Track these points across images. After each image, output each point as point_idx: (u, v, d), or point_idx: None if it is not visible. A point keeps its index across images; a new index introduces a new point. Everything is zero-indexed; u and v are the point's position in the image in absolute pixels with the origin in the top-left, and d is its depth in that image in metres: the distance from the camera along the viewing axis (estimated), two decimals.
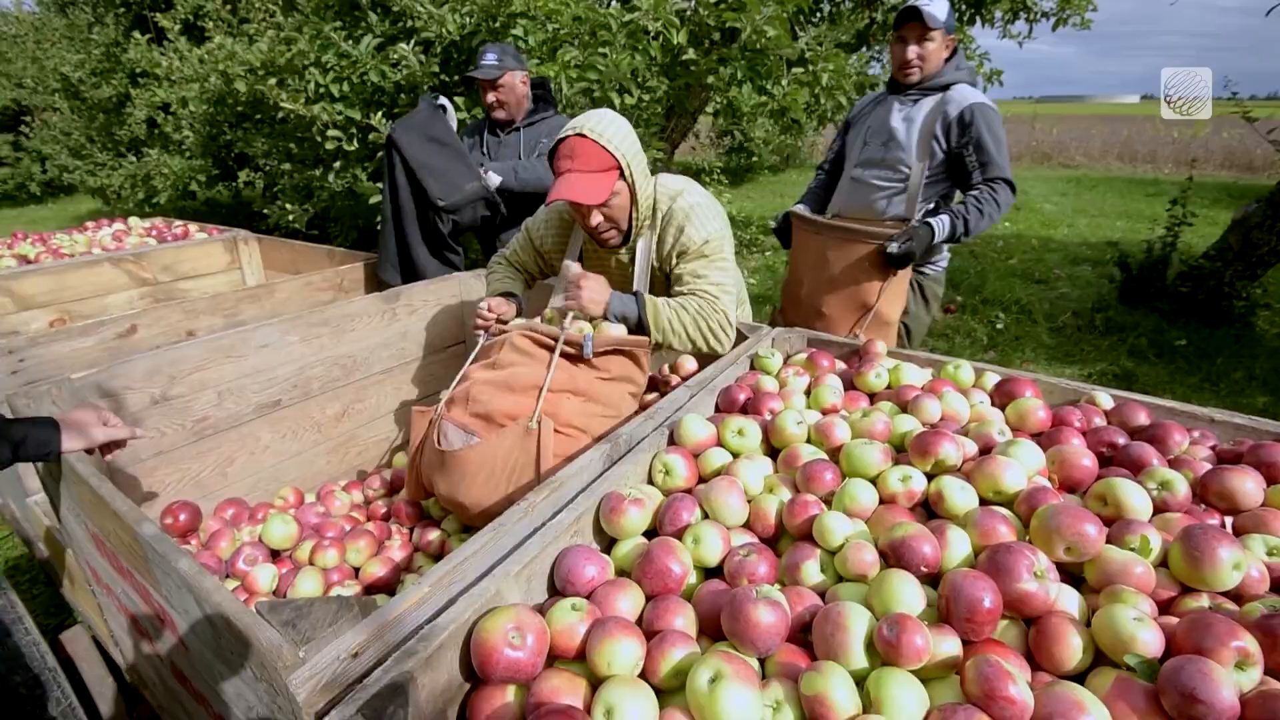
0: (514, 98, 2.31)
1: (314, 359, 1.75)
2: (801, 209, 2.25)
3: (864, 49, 4.59)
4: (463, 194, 2.20)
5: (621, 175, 1.37)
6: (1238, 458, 1.11)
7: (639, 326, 1.40)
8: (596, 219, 1.40)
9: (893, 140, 2.03)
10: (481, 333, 1.47)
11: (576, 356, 1.30)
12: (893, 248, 1.89)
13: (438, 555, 1.42)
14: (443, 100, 2.30)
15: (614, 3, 2.83)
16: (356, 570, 1.36)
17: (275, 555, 1.40)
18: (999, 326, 4.28)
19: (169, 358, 1.48)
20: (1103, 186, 10.57)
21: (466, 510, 1.26)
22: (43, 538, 1.68)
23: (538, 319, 1.48)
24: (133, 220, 3.47)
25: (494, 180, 2.26)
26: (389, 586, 1.32)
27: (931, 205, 2.04)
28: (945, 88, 1.98)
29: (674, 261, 1.47)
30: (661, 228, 1.48)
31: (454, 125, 2.32)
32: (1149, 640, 0.71)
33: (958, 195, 2.10)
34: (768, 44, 2.74)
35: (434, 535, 1.42)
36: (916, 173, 1.99)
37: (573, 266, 1.45)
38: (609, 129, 1.36)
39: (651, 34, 2.78)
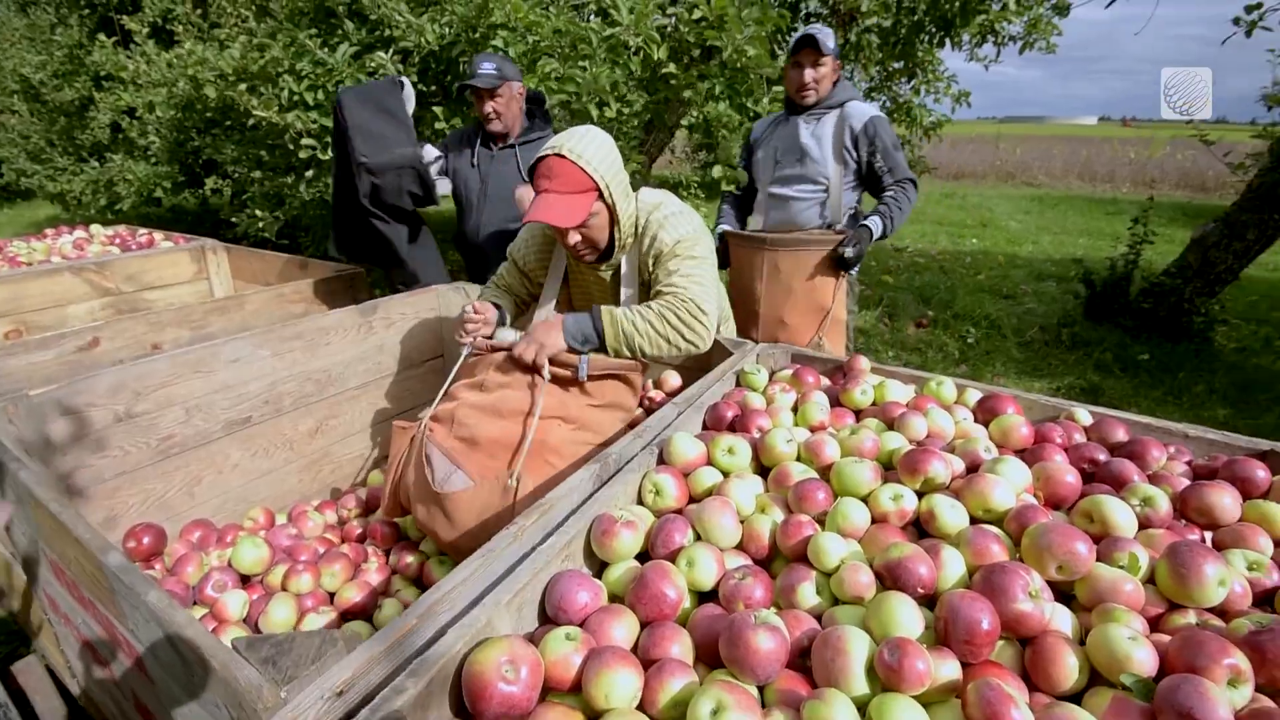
0: (511, 109, 2.25)
1: (287, 374, 1.70)
2: (730, 229, 2.37)
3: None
4: (389, 155, 2.10)
5: (600, 196, 1.35)
6: (1213, 473, 1.14)
7: (599, 340, 1.34)
8: (574, 239, 1.38)
9: (807, 156, 2.20)
10: (466, 344, 1.43)
11: (569, 380, 1.28)
12: (849, 251, 2.04)
13: (416, 578, 1.38)
14: (404, 79, 2.24)
15: (594, 17, 2.84)
16: (332, 595, 1.31)
17: (245, 580, 1.34)
18: (970, 341, 4.37)
19: (134, 373, 1.42)
20: (1064, 205, 10.91)
21: (444, 543, 1.23)
22: None
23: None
24: (95, 228, 3.36)
25: (430, 153, 2.20)
26: (366, 611, 1.28)
27: (852, 210, 2.24)
28: (840, 105, 2.19)
29: (652, 266, 1.45)
30: (640, 240, 1.47)
31: (410, 105, 2.23)
32: (1144, 659, 0.72)
33: (867, 197, 2.32)
34: (748, 63, 2.77)
35: (411, 558, 1.38)
36: (836, 181, 2.19)
37: (538, 316, 1.44)
38: (589, 149, 1.33)
39: (632, 49, 2.79)
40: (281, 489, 1.74)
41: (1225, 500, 1.00)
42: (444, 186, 2.24)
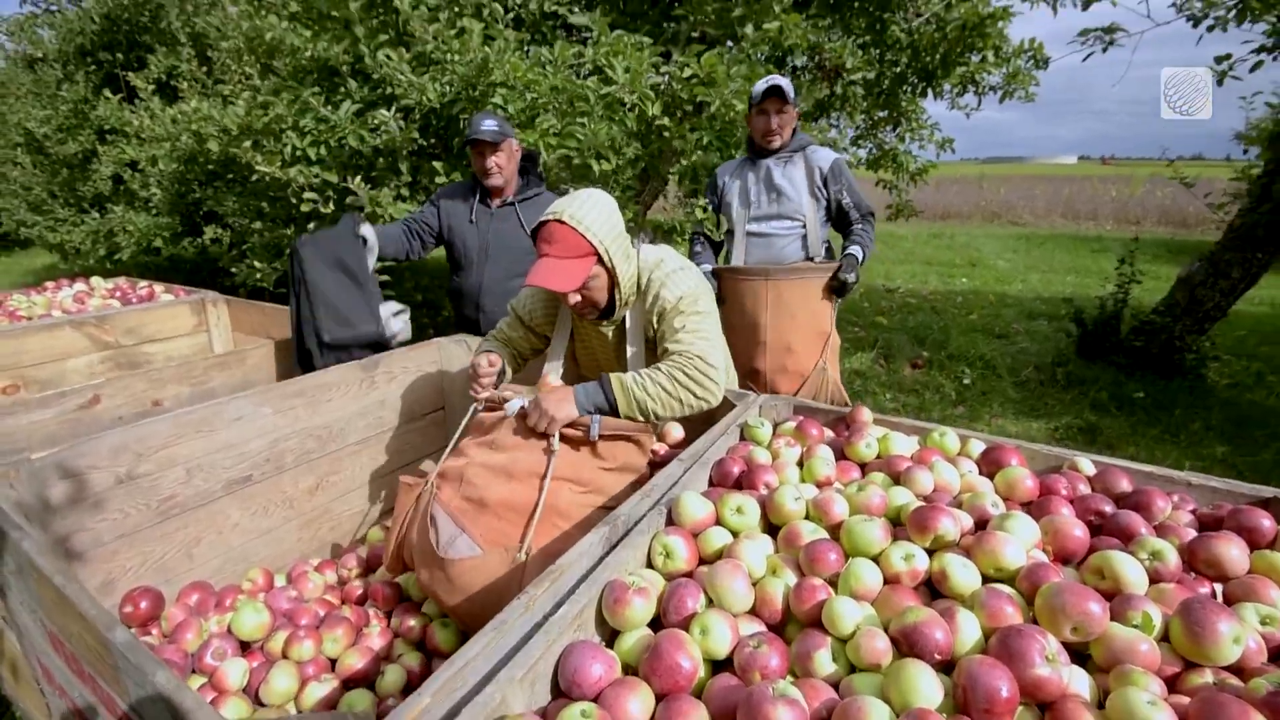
0: (511, 165, 2.32)
1: (288, 431, 1.69)
2: (714, 266, 2.47)
3: (823, 118, 4.83)
4: (353, 333, 2.07)
5: (600, 260, 1.38)
6: (1218, 522, 1.14)
7: (611, 409, 1.35)
8: (575, 299, 1.42)
9: (783, 195, 2.38)
10: (480, 402, 1.45)
11: (581, 441, 1.28)
12: (850, 277, 2.23)
13: (419, 641, 1.35)
14: (365, 230, 2.19)
15: (590, 77, 2.93)
16: (333, 662, 1.28)
17: (245, 647, 1.31)
18: (966, 382, 4.39)
19: (136, 434, 1.41)
20: (1050, 243, 11.12)
21: (447, 607, 1.21)
22: None
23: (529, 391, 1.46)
24: (95, 280, 3.37)
25: (395, 326, 2.16)
26: (368, 678, 1.25)
27: (824, 243, 2.42)
28: (801, 149, 2.39)
29: (656, 323, 1.48)
30: (643, 297, 1.49)
31: (372, 261, 2.20)
32: None
33: (831, 232, 2.51)
34: (736, 116, 2.86)
35: (414, 621, 1.36)
36: (812, 218, 2.38)
37: (545, 382, 1.48)
38: (589, 215, 1.36)
39: (628, 105, 2.88)
40: (280, 548, 1.72)
41: (1233, 552, 1.00)
42: (394, 326, 2.19)
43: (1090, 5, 3.42)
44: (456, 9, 3.17)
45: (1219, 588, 1.01)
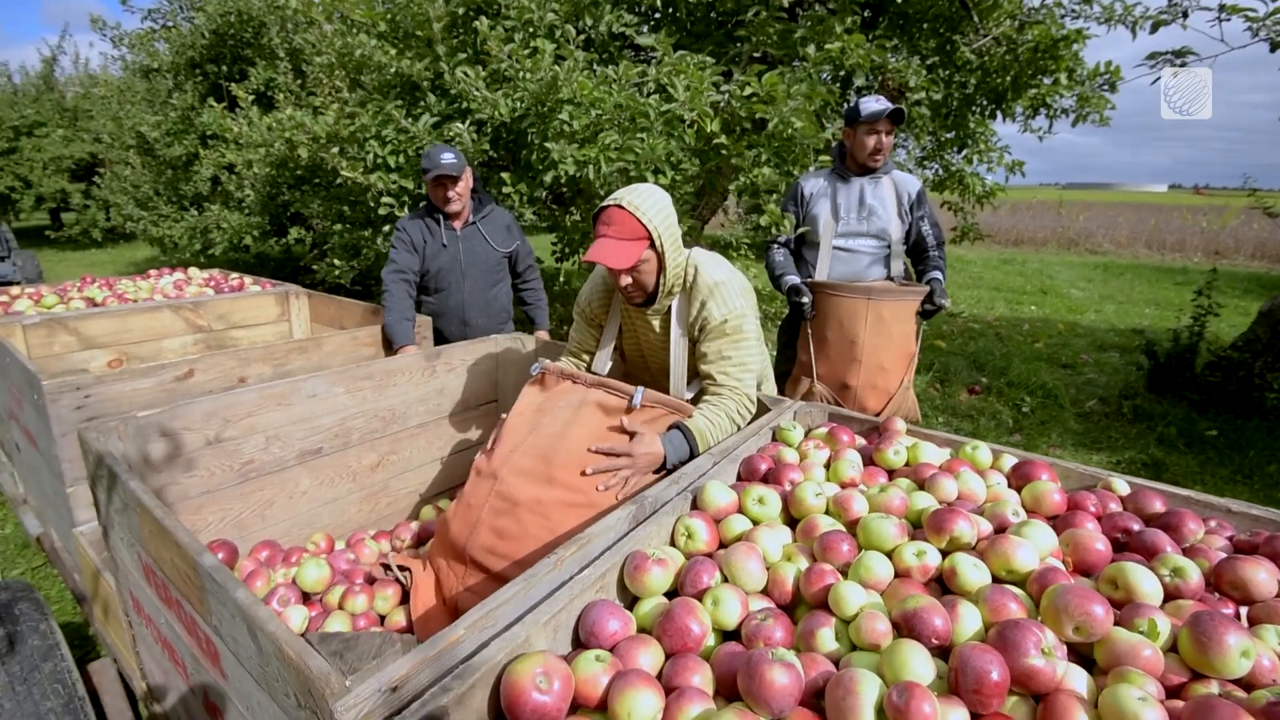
0: (468, 191, 2.59)
1: (356, 410, 1.85)
2: (796, 279, 2.50)
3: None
4: None
5: (652, 245, 1.50)
6: (1254, 549, 1.12)
7: (691, 457, 1.41)
8: (625, 280, 1.53)
9: (874, 214, 2.45)
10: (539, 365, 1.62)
11: (621, 410, 1.42)
12: (946, 302, 2.37)
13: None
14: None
15: (653, 95, 3.05)
16: (382, 618, 1.40)
17: (306, 598, 1.45)
18: (1024, 410, 4.27)
19: (225, 402, 1.58)
20: (1130, 273, 10.60)
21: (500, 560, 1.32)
22: (81, 568, 1.75)
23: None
24: (193, 270, 3.70)
25: None
26: (412, 633, 1.36)
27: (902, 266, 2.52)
28: (888, 171, 2.49)
29: (698, 333, 1.57)
30: (689, 297, 1.59)
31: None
32: None
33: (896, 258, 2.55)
34: (795, 134, 2.92)
35: None
36: (898, 239, 2.47)
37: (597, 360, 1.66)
38: (645, 202, 1.48)
39: (687, 122, 2.98)
40: (343, 517, 1.86)
41: (1260, 575, 0.99)
42: None
43: (1159, 28, 3.32)
44: (531, 29, 3.35)
45: (1245, 611, 1.00)
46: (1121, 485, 1.29)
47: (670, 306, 1.62)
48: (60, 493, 1.74)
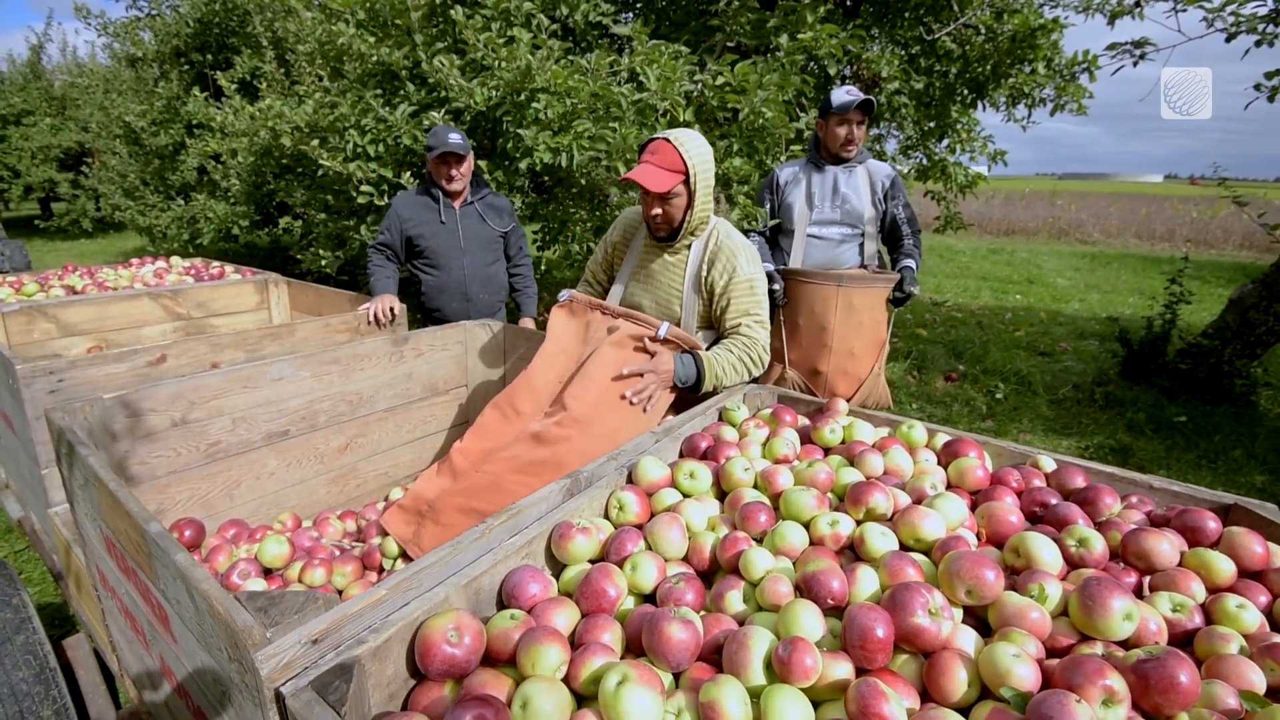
0: (470, 174, 2.69)
1: (323, 394, 1.89)
2: (771, 269, 2.54)
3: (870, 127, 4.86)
4: None
5: (686, 182, 1.65)
6: (1167, 522, 1.18)
7: (698, 381, 1.63)
8: (655, 209, 1.70)
9: (847, 203, 2.50)
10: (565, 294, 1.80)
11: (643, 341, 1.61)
12: (915, 289, 2.40)
13: None
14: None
15: (625, 84, 3.08)
16: (340, 592, 1.46)
17: (268, 573, 1.50)
18: (998, 397, 4.33)
19: (190, 384, 1.63)
20: (1117, 263, 10.67)
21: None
22: (57, 548, 1.81)
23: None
24: (174, 259, 3.73)
25: None
26: None
27: (876, 254, 2.56)
28: (862, 162, 2.53)
29: (722, 284, 1.72)
30: (713, 249, 1.74)
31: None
32: (1024, 675, 0.79)
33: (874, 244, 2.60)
34: (766, 124, 2.96)
35: None
36: (872, 226, 2.52)
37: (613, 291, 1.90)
38: (689, 143, 1.65)
39: (660, 111, 3.01)
40: (310, 499, 1.92)
41: (1163, 546, 1.04)
42: None
43: (1116, 19, 3.36)
44: (508, 19, 3.38)
45: (1147, 580, 1.05)
46: (1048, 463, 1.34)
47: (688, 253, 1.77)
48: (36, 475, 1.79)
